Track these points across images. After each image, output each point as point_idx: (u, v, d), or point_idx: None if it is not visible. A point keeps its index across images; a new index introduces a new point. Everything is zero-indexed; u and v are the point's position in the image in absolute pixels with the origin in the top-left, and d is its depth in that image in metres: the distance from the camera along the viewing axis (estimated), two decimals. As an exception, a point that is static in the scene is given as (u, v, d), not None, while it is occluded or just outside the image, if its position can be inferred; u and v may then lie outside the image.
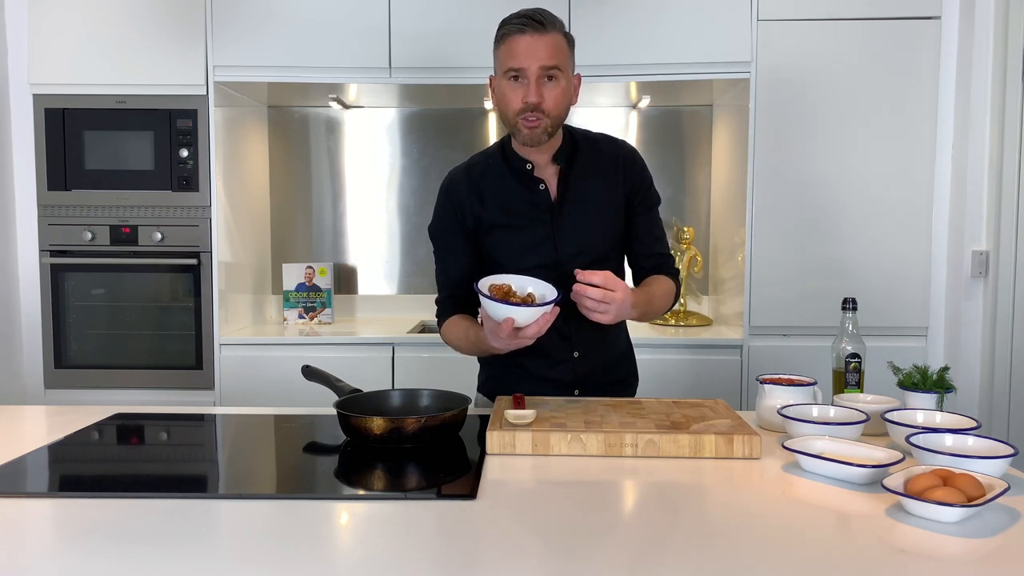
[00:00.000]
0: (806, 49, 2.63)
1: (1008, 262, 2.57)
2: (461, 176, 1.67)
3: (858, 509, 1.07)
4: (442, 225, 1.68)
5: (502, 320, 1.39)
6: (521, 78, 1.51)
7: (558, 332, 1.57)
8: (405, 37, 2.68)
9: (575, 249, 1.60)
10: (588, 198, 1.62)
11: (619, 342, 1.75)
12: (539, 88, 1.51)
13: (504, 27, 1.54)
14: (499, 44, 1.54)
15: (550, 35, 1.50)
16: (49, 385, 2.82)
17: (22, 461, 1.29)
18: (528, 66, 1.49)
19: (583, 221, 1.62)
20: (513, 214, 1.62)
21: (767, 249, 2.68)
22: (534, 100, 1.50)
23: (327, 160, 3.27)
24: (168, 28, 2.70)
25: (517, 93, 1.52)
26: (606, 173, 1.64)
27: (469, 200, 1.64)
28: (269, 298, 3.23)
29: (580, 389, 1.67)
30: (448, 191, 1.67)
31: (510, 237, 1.62)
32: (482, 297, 1.41)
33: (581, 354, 1.66)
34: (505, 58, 1.52)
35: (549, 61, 1.50)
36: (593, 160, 1.65)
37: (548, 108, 1.52)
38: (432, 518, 1.05)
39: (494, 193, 1.63)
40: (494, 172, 1.65)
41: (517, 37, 1.50)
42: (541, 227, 1.61)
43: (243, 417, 1.63)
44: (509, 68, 1.51)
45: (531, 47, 1.49)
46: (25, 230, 2.93)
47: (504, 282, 1.47)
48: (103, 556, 0.93)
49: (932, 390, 1.44)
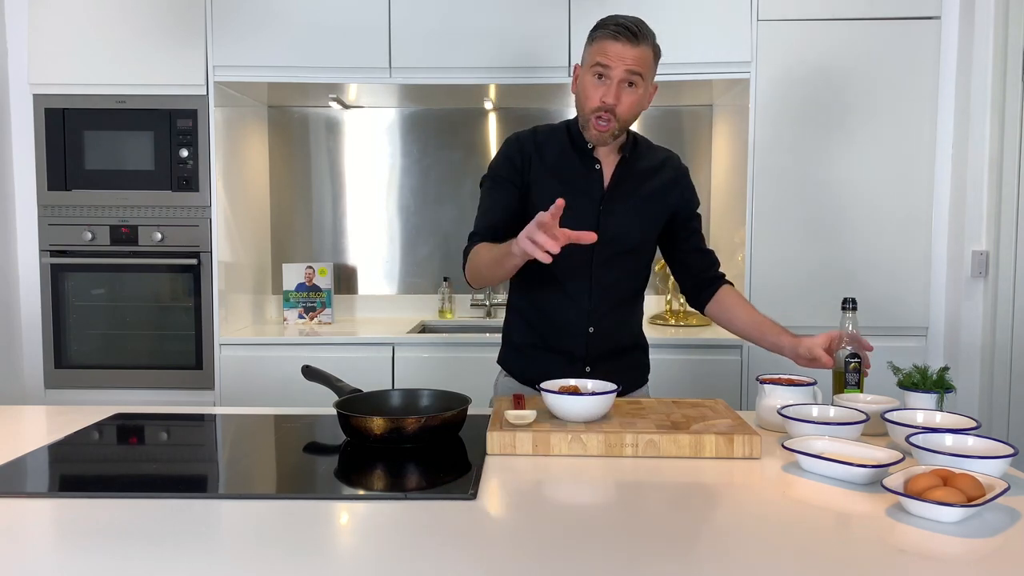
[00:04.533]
0: (806, 49, 2.63)
1: (1008, 262, 2.57)
2: (528, 135, 1.75)
3: (858, 509, 1.07)
4: (500, 170, 1.73)
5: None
6: (605, 77, 1.59)
7: (577, 305, 1.70)
8: (405, 37, 2.68)
9: (613, 234, 1.68)
10: (639, 193, 1.72)
11: (635, 332, 1.82)
12: (619, 91, 1.59)
13: (601, 29, 1.60)
14: (592, 42, 1.62)
15: (641, 47, 1.58)
16: (49, 385, 2.82)
17: (22, 461, 1.29)
18: (615, 66, 1.57)
19: (629, 211, 1.70)
20: (565, 182, 1.69)
21: (767, 249, 2.68)
22: (611, 101, 1.59)
23: (327, 160, 3.27)
24: (168, 28, 2.70)
25: (598, 90, 1.60)
26: (662, 179, 1.75)
27: (531, 155, 1.71)
28: (269, 298, 3.23)
29: (591, 366, 1.72)
30: (515, 141, 1.74)
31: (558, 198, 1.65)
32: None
33: (596, 331, 1.72)
34: (595, 54, 1.60)
35: (634, 67, 1.58)
36: (652, 162, 1.75)
37: (621, 112, 1.61)
38: (432, 518, 1.05)
39: (553, 158, 1.71)
40: (557, 140, 1.73)
41: (611, 42, 1.57)
42: (589, 203, 1.69)
43: (243, 417, 1.63)
44: (597, 63, 1.59)
45: (621, 53, 1.57)
46: (25, 230, 2.93)
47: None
48: (103, 556, 0.93)
49: (932, 390, 1.44)
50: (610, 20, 1.60)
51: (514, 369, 1.80)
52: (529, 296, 1.76)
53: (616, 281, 1.72)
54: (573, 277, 1.70)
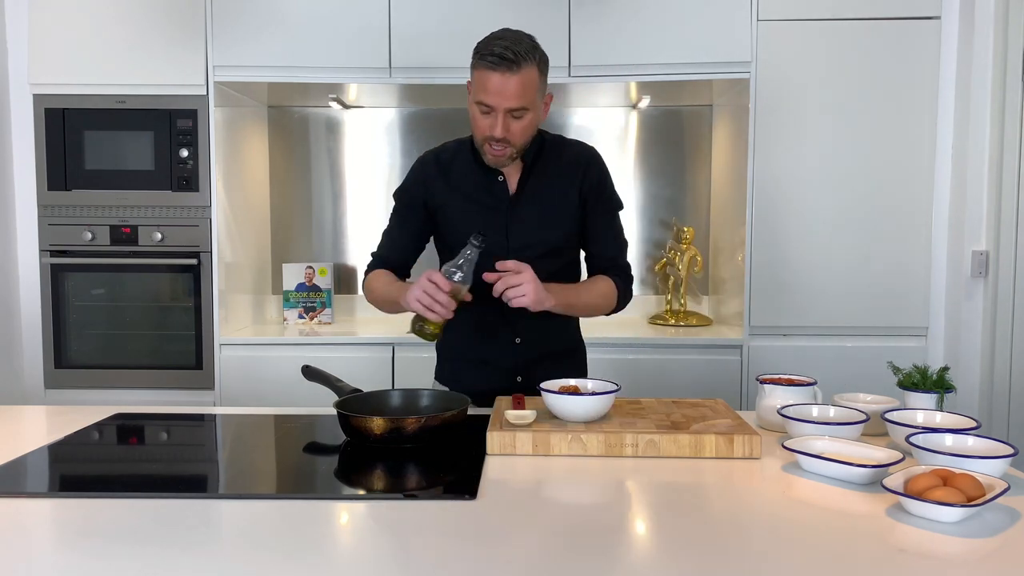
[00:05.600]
0: (806, 49, 2.63)
1: (1008, 262, 2.57)
2: (431, 157, 1.77)
3: (858, 509, 1.07)
4: (405, 196, 1.78)
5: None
6: (490, 112, 1.57)
7: (501, 316, 1.66)
8: (405, 37, 2.68)
9: (525, 241, 1.68)
10: (545, 194, 1.71)
11: (566, 337, 1.79)
12: (506, 123, 1.56)
13: (478, 56, 1.56)
14: (473, 69, 1.59)
15: (522, 73, 1.54)
16: (49, 385, 2.81)
17: (22, 461, 1.29)
18: (497, 105, 1.55)
19: (536, 215, 1.70)
20: (471, 200, 1.70)
21: (767, 249, 2.68)
22: (500, 135, 1.57)
23: (327, 160, 3.27)
24: (168, 28, 2.70)
25: (485, 122, 1.59)
26: (566, 173, 1.72)
27: (434, 180, 1.73)
28: (269, 298, 3.22)
29: (522, 376, 1.73)
30: (419, 165, 1.78)
31: (466, 220, 1.68)
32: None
33: (523, 341, 1.72)
34: (477, 88, 1.58)
35: (516, 103, 1.55)
36: (556, 161, 1.73)
37: (514, 139, 1.60)
38: (432, 518, 1.05)
39: (457, 177, 1.72)
40: (461, 159, 1.74)
41: (489, 73, 1.54)
42: (496, 215, 1.69)
43: (243, 417, 1.63)
44: (480, 100, 1.57)
45: (502, 87, 1.53)
46: (25, 230, 2.93)
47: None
48: (103, 556, 0.93)
49: (932, 390, 1.44)
50: (486, 48, 1.54)
51: (449, 382, 1.79)
52: (457, 310, 1.71)
53: None
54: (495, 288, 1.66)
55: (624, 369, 2.61)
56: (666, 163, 3.20)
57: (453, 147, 1.77)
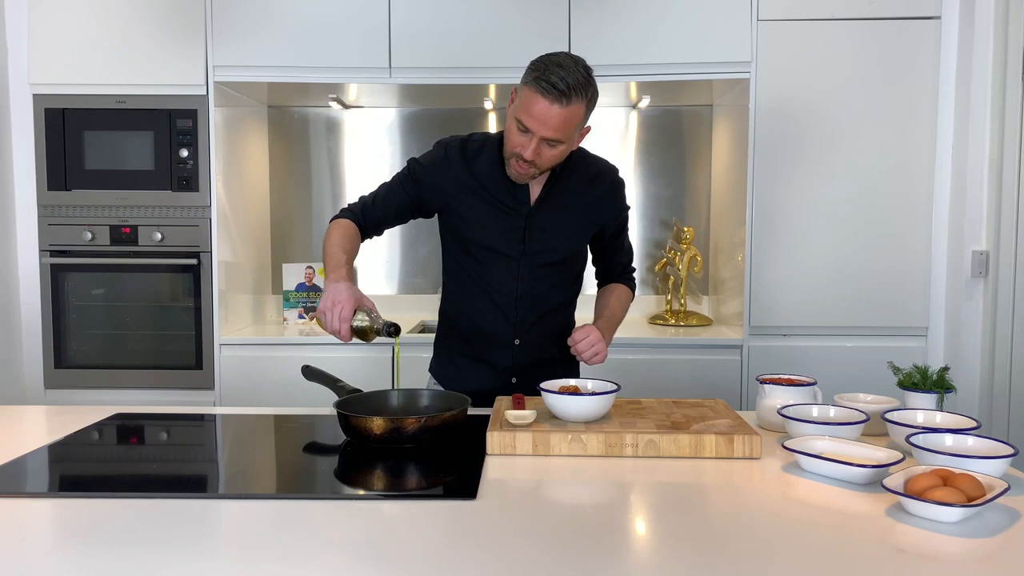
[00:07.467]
0: (806, 49, 2.63)
1: (1008, 262, 2.57)
2: (458, 143, 1.72)
3: (858, 509, 1.07)
4: (421, 171, 1.72)
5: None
6: (527, 132, 1.54)
7: (504, 316, 1.70)
8: (405, 37, 2.68)
9: (541, 247, 1.69)
10: (565, 208, 1.71)
11: (562, 343, 1.78)
12: (539, 148, 1.55)
13: (533, 78, 1.50)
14: (523, 86, 1.53)
15: (570, 108, 1.49)
16: (49, 385, 2.82)
17: (22, 461, 1.29)
18: (535, 130, 1.52)
19: (556, 226, 1.70)
20: (490, 201, 1.68)
21: (767, 249, 2.68)
22: (529, 157, 1.55)
23: (327, 160, 3.27)
24: (168, 28, 2.70)
25: (519, 139, 1.55)
26: (595, 193, 1.73)
27: (458, 165, 1.69)
28: (269, 298, 3.22)
29: (517, 377, 1.74)
30: (446, 149, 1.72)
31: (484, 222, 1.68)
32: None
33: (522, 343, 1.73)
34: (521, 105, 1.54)
35: (554, 135, 1.52)
36: (581, 176, 1.73)
37: (542, 164, 1.59)
38: (432, 518, 1.05)
39: (480, 172, 1.69)
40: (487, 155, 1.70)
41: (537, 97, 1.49)
42: (515, 219, 1.68)
43: (243, 417, 1.63)
44: (520, 118, 1.53)
45: (545, 115, 1.50)
46: (25, 230, 2.93)
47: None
48: (103, 556, 0.93)
49: (932, 390, 1.44)
50: (543, 72, 1.49)
51: (443, 378, 1.80)
52: (459, 306, 1.76)
53: (545, 293, 1.72)
54: (501, 288, 1.70)
55: (624, 369, 2.61)
56: (666, 163, 3.20)
57: (480, 139, 1.73)
